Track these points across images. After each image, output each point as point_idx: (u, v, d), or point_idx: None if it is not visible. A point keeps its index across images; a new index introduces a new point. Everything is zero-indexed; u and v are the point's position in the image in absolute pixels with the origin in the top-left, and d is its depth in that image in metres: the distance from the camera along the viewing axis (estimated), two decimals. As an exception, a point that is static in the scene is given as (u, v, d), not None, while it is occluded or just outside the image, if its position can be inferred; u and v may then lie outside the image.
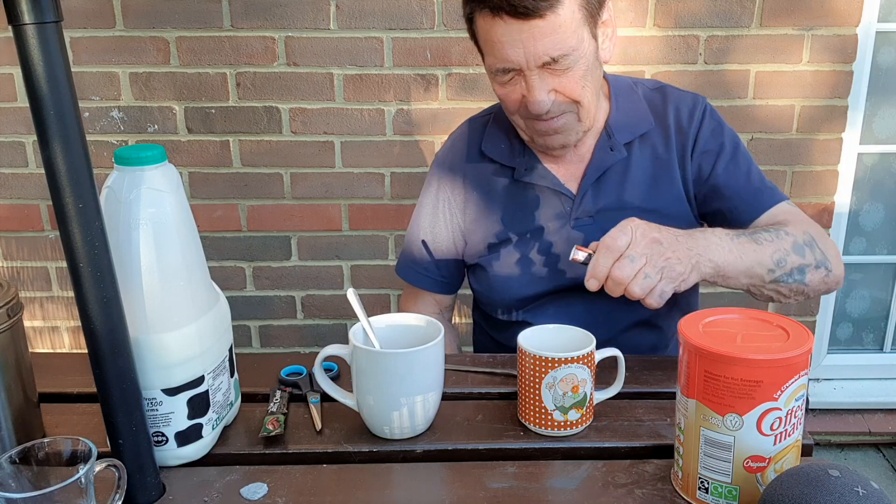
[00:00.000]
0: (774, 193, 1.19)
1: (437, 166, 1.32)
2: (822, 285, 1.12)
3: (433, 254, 1.31)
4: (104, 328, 0.73)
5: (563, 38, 1.03)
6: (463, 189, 1.28)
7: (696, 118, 1.20)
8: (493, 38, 1.06)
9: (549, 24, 1.02)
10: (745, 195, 1.18)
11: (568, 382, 0.88)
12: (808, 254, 1.09)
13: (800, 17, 2.00)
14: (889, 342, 2.46)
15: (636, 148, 1.20)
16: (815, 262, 1.10)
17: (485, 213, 1.25)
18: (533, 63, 1.05)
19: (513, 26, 1.03)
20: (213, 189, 2.15)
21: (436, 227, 1.30)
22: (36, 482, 0.71)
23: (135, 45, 2.02)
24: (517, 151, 1.23)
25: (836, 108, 2.09)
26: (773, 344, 0.74)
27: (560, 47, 1.04)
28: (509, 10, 1.02)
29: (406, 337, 0.95)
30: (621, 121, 1.20)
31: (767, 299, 1.11)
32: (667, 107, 1.21)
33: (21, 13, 0.63)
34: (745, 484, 0.75)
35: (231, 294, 2.21)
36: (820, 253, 1.11)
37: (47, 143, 0.67)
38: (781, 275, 1.07)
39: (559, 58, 1.04)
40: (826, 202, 2.18)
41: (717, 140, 1.20)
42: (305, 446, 0.90)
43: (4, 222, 2.17)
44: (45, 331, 2.31)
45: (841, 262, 1.15)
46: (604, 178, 1.19)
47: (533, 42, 1.03)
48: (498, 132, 1.26)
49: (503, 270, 1.23)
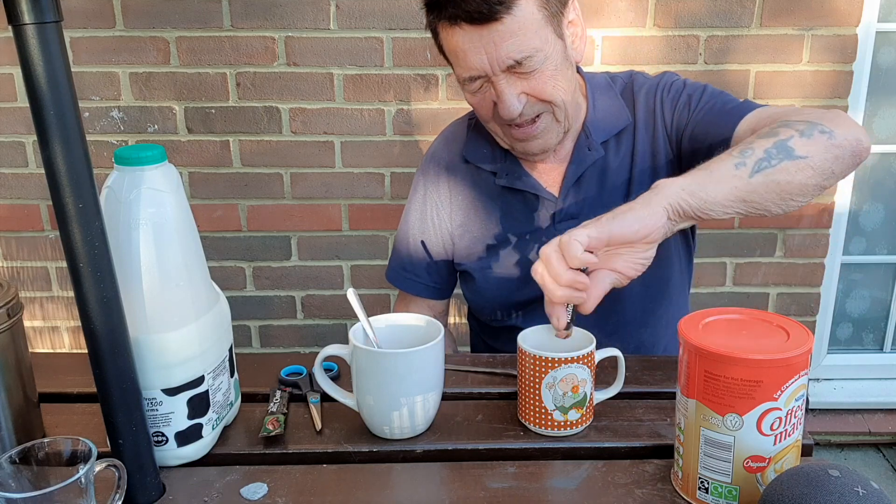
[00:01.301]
0: (744, 106, 1.07)
1: (423, 169, 1.31)
2: (834, 150, 0.92)
3: (424, 259, 1.29)
4: (104, 328, 0.73)
5: (524, 39, 1.02)
6: (449, 193, 1.27)
7: (660, 95, 1.17)
8: (456, 47, 1.05)
9: (508, 27, 1.01)
10: (715, 121, 1.08)
11: (568, 382, 0.88)
12: (781, 131, 0.93)
13: (800, 17, 2.01)
14: (889, 342, 2.46)
15: (612, 146, 1.18)
16: (796, 132, 0.92)
17: (471, 218, 1.24)
18: (497, 68, 1.04)
19: (472, 33, 1.02)
20: (213, 189, 2.15)
21: (425, 232, 1.29)
22: (36, 482, 0.71)
23: (135, 45, 2.02)
24: (498, 156, 1.22)
25: (836, 108, 2.09)
26: (773, 344, 0.74)
27: (522, 49, 1.02)
28: (465, 18, 1.01)
29: (406, 337, 0.95)
30: (599, 120, 1.18)
31: (781, 207, 0.91)
32: (637, 97, 1.19)
33: (21, 13, 0.63)
34: (745, 484, 0.75)
35: (231, 294, 2.21)
36: (803, 124, 0.94)
37: (47, 143, 0.67)
38: (757, 161, 0.89)
39: (523, 60, 1.03)
40: (826, 202, 2.18)
41: (680, 97, 1.14)
42: (305, 446, 0.90)
43: (4, 222, 2.17)
44: (45, 331, 2.31)
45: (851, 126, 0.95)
46: (583, 179, 1.18)
47: (494, 47, 1.02)
48: (479, 137, 1.25)
49: (491, 276, 1.23)
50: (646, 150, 1.17)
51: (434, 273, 1.30)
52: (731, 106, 1.09)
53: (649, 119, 1.18)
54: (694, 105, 1.13)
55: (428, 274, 1.30)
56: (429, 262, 1.29)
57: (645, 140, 1.18)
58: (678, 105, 1.15)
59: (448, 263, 1.30)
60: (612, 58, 2.03)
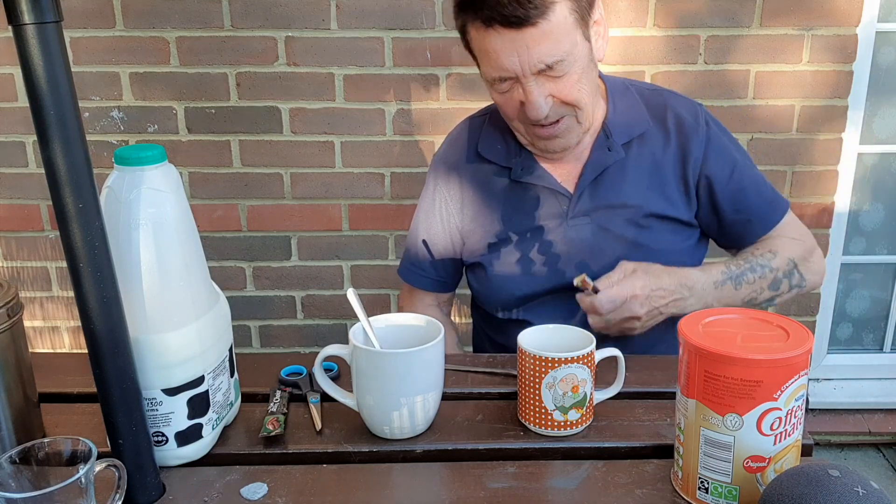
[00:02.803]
0: (780, 203, 1.25)
1: (435, 166, 1.33)
2: (793, 297, 1.25)
3: (431, 254, 1.32)
4: (104, 328, 0.73)
5: (557, 43, 1.04)
6: (460, 189, 1.28)
7: (702, 123, 1.21)
8: (488, 48, 1.06)
9: (542, 31, 1.02)
10: (759, 208, 1.24)
11: (568, 382, 0.88)
12: (783, 285, 1.21)
13: (800, 17, 2.00)
14: (889, 342, 2.46)
15: (634, 148, 1.20)
16: (788, 289, 1.22)
17: (483, 213, 1.26)
18: (529, 70, 1.05)
19: (506, 36, 1.03)
20: (213, 189, 2.15)
21: (433, 228, 1.31)
22: (36, 482, 0.71)
23: (135, 45, 2.02)
24: (513, 152, 1.23)
25: (836, 108, 2.09)
26: (773, 344, 0.74)
27: (555, 53, 1.04)
28: (501, 21, 1.02)
29: (406, 337, 0.95)
30: (619, 121, 1.20)
31: None
32: (665, 109, 1.22)
33: (21, 13, 0.63)
34: (745, 484, 0.75)
35: (231, 294, 2.21)
36: (798, 277, 1.21)
37: (47, 143, 0.67)
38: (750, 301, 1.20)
39: (554, 64, 1.05)
40: (826, 202, 2.18)
41: (727, 150, 1.22)
42: (305, 446, 0.90)
43: (4, 222, 2.17)
44: (45, 331, 2.31)
45: (822, 271, 1.27)
46: (601, 178, 1.20)
47: (527, 50, 1.03)
48: (494, 133, 1.26)
49: (502, 269, 1.24)
50: (663, 159, 1.20)
51: (440, 268, 1.33)
52: (770, 197, 1.25)
53: (678, 133, 1.21)
54: (736, 180, 1.22)
55: (434, 269, 1.33)
56: (435, 258, 1.32)
57: (662, 148, 1.20)
58: (721, 165, 1.21)
59: (455, 259, 1.32)
60: (612, 58, 2.03)
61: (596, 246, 1.20)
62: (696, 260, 1.26)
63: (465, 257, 1.30)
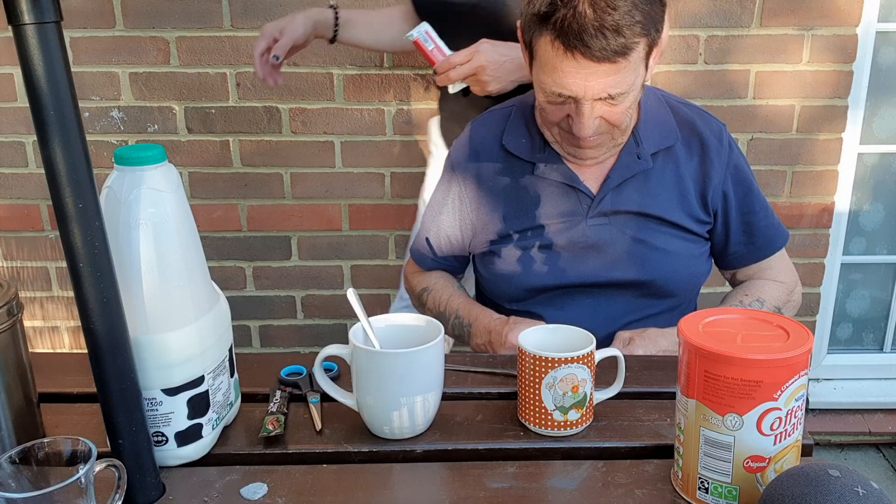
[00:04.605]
0: (782, 232, 1.31)
1: (453, 155, 1.33)
2: None
3: (440, 245, 1.33)
4: (104, 328, 0.73)
5: (626, 77, 1.05)
6: (477, 180, 1.28)
7: (725, 145, 1.23)
8: (557, 66, 1.06)
9: (617, 67, 1.04)
10: (765, 232, 1.28)
11: (568, 382, 0.88)
12: None
13: (800, 17, 2.00)
14: (889, 342, 2.46)
15: (660, 159, 1.22)
16: None
17: (499, 204, 1.26)
18: (591, 96, 1.07)
19: (581, 63, 1.04)
20: (213, 189, 2.15)
21: (444, 218, 1.32)
22: (36, 482, 0.71)
23: (135, 45, 2.02)
24: (538, 147, 1.24)
25: (836, 108, 2.09)
26: (773, 344, 0.74)
27: (619, 86, 1.06)
28: (584, 52, 1.02)
29: (406, 337, 0.95)
30: (649, 130, 1.22)
31: None
32: (694, 125, 1.23)
33: (21, 13, 0.63)
34: (745, 484, 0.75)
35: (231, 294, 2.21)
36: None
37: (47, 143, 0.67)
38: None
39: (617, 95, 1.07)
40: (826, 202, 2.18)
41: (745, 173, 1.25)
42: (305, 446, 0.90)
43: (4, 222, 2.17)
44: (45, 331, 2.31)
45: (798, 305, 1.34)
46: (626, 184, 1.21)
47: (596, 79, 1.05)
48: (519, 126, 1.26)
49: (513, 259, 1.24)
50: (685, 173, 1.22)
51: (450, 259, 1.35)
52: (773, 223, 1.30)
53: (701, 150, 1.22)
54: (749, 203, 1.26)
55: (444, 260, 1.35)
56: (445, 250, 1.33)
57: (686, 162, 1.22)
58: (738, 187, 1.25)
59: (462, 249, 1.33)
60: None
61: (610, 247, 1.21)
62: (704, 268, 1.28)
63: (474, 248, 1.31)
